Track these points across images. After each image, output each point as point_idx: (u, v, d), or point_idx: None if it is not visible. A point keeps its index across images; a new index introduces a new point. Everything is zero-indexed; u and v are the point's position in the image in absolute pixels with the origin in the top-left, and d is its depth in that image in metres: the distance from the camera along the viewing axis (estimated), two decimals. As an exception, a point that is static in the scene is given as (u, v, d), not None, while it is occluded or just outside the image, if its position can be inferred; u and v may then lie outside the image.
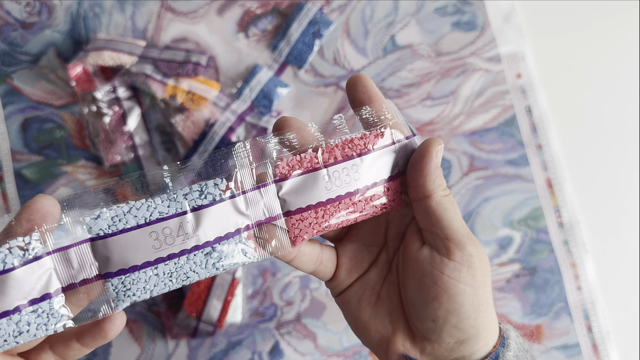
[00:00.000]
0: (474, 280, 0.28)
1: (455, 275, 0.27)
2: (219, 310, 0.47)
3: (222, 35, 0.52)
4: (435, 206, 0.28)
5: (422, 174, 0.28)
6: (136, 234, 0.24)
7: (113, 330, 0.26)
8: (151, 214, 0.25)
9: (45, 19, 0.51)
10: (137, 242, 0.24)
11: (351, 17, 0.52)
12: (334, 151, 0.27)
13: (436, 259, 0.28)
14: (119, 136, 0.49)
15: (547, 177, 0.51)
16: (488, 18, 0.53)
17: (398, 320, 0.30)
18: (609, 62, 0.53)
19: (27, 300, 0.23)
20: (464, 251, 0.27)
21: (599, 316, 0.50)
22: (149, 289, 0.25)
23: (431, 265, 0.28)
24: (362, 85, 0.29)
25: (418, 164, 0.28)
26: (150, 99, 0.50)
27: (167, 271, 0.25)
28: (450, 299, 0.27)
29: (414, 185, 0.28)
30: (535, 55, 0.53)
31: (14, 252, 0.23)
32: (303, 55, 0.51)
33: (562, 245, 0.51)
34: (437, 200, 0.28)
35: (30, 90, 0.50)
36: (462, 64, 0.52)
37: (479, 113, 0.52)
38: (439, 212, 0.28)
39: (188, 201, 0.25)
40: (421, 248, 0.29)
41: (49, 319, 0.24)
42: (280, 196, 0.27)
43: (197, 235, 0.25)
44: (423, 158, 0.27)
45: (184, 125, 0.49)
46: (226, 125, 0.49)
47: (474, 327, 0.28)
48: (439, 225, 0.28)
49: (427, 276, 0.28)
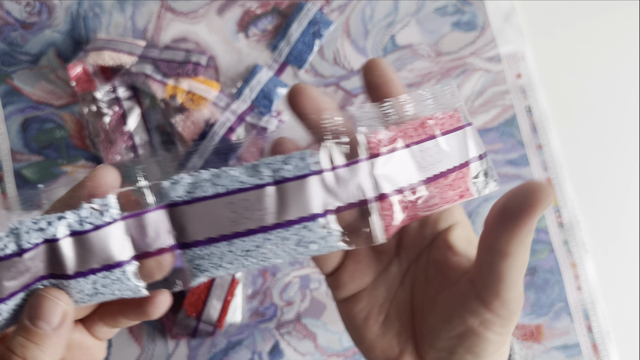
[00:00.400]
0: (506, 330, 0.25)
1: (489, 325, 0.25)
2: (219, 311, 0.47)
3: (222, 35, 0.52)
4: (506, 269, 0.23)
5: (512, 230, 0.22)
6: (214, 204, 0.22)
7: (157, 311, 0.25)
8: (232, 184, 0.22)
9: (45, 19, 0.51)
10: (215, 213, 0.22)
11: (351, 17, 0.52)
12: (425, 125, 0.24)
13: (474, 303, 0.25)
14: (119, 136, 0.49)
15: (547, 177, 0.51)
16: (488, 18, 0.53)
17: (406, 342, 0.28)
18: (610, 61, 0.53)
19: (100, 265, 0.22)
20: (507, 308, 0.24)
21: (599, 316, 0.50)
22: (224, 266, 0.23)
23: (465, 305, 0.25)
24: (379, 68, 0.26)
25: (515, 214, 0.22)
26: (150, 99, 0.50)
27: (244, 248, 0.23)
28: (474, 342, 0.25)
29: (495, 235, 0.23)
30: (535, 55, 0.53)
31: (92, 213, 0.22)
32: (303, 55, 0.51)
33: (562, 245, 0.51)
34: (512, 263, 0.23)
35: (30, 90, 0.50)
36: (462, 64, 0.52)
37: (479, 113, 0.52)
38: (505, 274, 0.23)
39: (272, 174, 0.22)
40: (460, 281, 0.26)
41: (121, 284, 0.23)
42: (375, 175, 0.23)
43: (279, 212, 0.22)
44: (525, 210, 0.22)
45: (184, 125, 0.49)
46: (226, 125, 0.49)
47: None
48: (498, 284, 0.24)
49: (458, 314, 0.25)
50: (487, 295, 0.24)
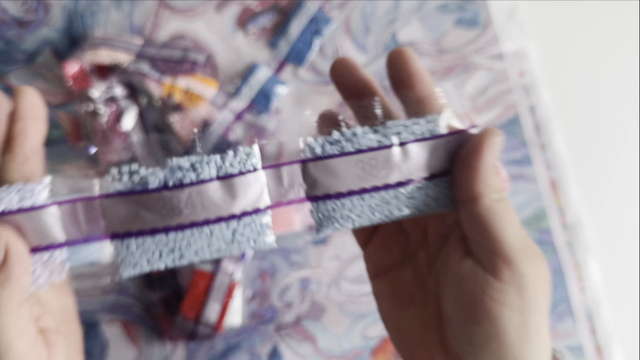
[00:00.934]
0: (524, 304, 0.23)
1: (500, 298, 0.23)
2: (218, 313, 0.47)
3: (221, 32, 0.51)
4: (483, 212, 0.23)
5: (470, 172, 0.23)
6: (345, 161, 0.24)
7: None
8: (360, 143, 0.24)
9: (41, 17, 0.51)
10: (345, 169, 0.24)
11: (352, 14, 0.52)
12: None
13: (479, 275, 0.24)
14: (116, 135, 0.49)
15: (550, 176, 0.51)
16: (490, 15, 0.52)
17: (431, 331, 0.26)
18: (614, 60, 0.53)
19: (240, 211, 0.24)
20: (514, 270, 0.23)
21: (602, 318, 0.50)
22: (352, 219, 0.25)
23: (473, 282, 0.24)
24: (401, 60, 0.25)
25: (467, 160, 0.24)
26: (147, 97, 0.50)
27: (371, 204, 0.25)
28: (491, 324, 0.23)
29: (460, 185, 0.24)
30: (538, 53, 0.53)
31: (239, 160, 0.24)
32: (303, 54, 0.51)
33: (565, 246, 0.51)
34: (486, 205, 0.23)
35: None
36: (465, 62, 0.52)
37: (481, 111, 0.51)
38: (487, 220, 0.23)
39: (397, 135, 0.24)
40: (464, 259, 0.25)
41: (257, 233, 0.24)
42: None
43: (403, 171, 0.24)
44: (473, 152, 0.23)
45: (181, 124, 0.49)
46: (224, 124, 0.49)
47: (517, 357, 0.24)
48: (487, 235, 0.23)
49: (467, 294, 0.24)
50: (485, 259, 0.24)
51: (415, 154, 0.24)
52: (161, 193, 0.23)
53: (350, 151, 0.24)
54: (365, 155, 0.24)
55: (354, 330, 0.49)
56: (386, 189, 0.24)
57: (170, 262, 0.24)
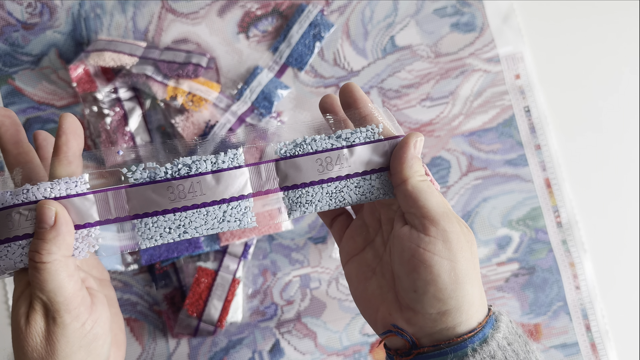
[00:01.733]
0: (450, 253, 0.30)
1: (431, 248, 0.30)
2: (220, 310, 0.47)
3: (223, 36, 0.52)
4: (411, 189, 0.31)
5: (399, 162, 0.32)
6: (307, 159, 0.32)
7: None
8: (319, 146, 0.32)
9: (46, 19, 0.51)
10: (307, 165, 0.32)
11: (351, 18, 0.52)
12: None
13: (414, 234, 0.31)
14: (120, 137, 0.49)
15: (545, 177, 0.52)
16: (487, 19, 0.53)
17: (388, 292, 0.33)
18: (608, 62, 0.54)
19: (229, 196, 0.31)
20: (438, 227, 0.30)
21: (597, 315, 0.50)
22: (314, 204, 0.33)
23: (409, 240, 0.31)
24: (349, 91, 0.34)
25: (397, 154, 0.32)
26: (151, 99, 0.50)
27: (328, 191, 0.33)
28: (427, 270, 0.30)
29: (394, 173, 0.32)
30: (534, 56, 0.53)
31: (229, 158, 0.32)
32: (303, 58, 0.51)
33: (560, 244, 0.51)
34: (413, 184, 0.31)
35: (31, 90, 0.51)
36: (461, 64, 0.52)
37: (478, 113, 0.52)
38: (415, 194, 0.31)
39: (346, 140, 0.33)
40: (403, 227, 0.32)
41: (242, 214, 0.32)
42: None
43: (350, 166, 0.32)
44: (402, 148, 0.32)
45: (184, 125, 0.49)
46: (226, 126, 0.49)
47: (452, 298, 0.30)
48: (416, 205, 0.31)
49: (406, 250, 0.31)
50: (417, 223, 0.31)
51: (359, 153, 0.33)
52: (170, 182, 0.31)
53: (310, 152, 0.32)
54: (322, 155, 0.32)
55: (354, 327, 0.50)
56: (339, 180, 0.33)
57: (176, 236, 0.31)
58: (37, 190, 0.30)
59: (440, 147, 0.52)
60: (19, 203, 0.30)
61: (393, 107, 0.52)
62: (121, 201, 0.31)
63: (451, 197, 0.51)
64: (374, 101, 0.52)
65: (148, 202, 0.31)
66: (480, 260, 0.51)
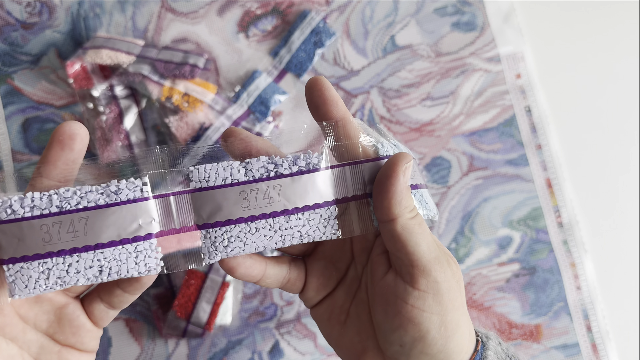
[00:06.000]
0: (441, 307, 0.26)
1: (420, 305, 0.26)
2: (208, 313, 0.47)
3: (223, 35, 0.52)
4: (400, 230, 0.26)
5: (387, 196, 0.26)
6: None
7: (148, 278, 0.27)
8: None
9: (45, 19, 0.51)
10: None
11: (351, 17, 0.52)
12: None
13: (400, 287, 0.27)
14: (115, 134, 0.49)
15: (546, 177, 0.52)
16: (488, 18, 0.53)
17: (367, 339, 0.29)
18: (609, 62, 0.54)
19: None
20: (429, 278, 0.26)
21: (598, 316, 0.50)
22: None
23: (395, 294, 0.27)
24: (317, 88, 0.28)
25: (383, 185, 0.26)
26: (147, 98, 0.50)
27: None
28: (416, 328, 0.26)
29: (379, 207, 0.26)
30: (534, 56, 0.53)
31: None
32: (303, 64, 0.51)
33: (561, 245, 0.51)
34: (402, 224, 0.26)
35: (30, 90, 0.51)
36: (462, 64, 0.52)
37: (478, 113, 0.52)
38: (404, 237, 0.26)
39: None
40: (386, 274, 0.28)
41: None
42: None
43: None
44: (389, 178, 0.26)
45: (177, 125, 0.49)
46: (220, 130, 0.49)
47: (442, 351, 0.27)
48: (404, 250, 0.26)
49: (391, 305, 0.27)
50: (404, 271, 0.26)
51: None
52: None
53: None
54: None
55: (354, 328, 0.50)
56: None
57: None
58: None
59: (440, 147, 0.51)
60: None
61: (393, 107, 0.52)
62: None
63: (452, 197, 0.51)
64: (373, 101, 0.52)
65: None
66: (481, 260, 0.50)
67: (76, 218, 0.25)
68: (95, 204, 0.25)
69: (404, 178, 0.26)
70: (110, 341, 0.48)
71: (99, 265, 0.25)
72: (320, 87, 0.28)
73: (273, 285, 0.30)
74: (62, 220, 0.25)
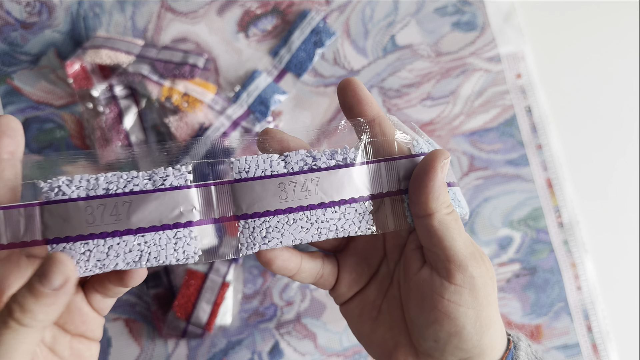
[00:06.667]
0: (476, 302, 0.27)
1: (456, 299, 0.26)
2: (208, 314, 0.47)
3: (222, 35, 0.52)
4: (437, 226, 0.26)
5: (424, 191, 0.26)
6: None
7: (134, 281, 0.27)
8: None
9: (45, 19, 0.51)
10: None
11: (351, 17, 0.52)
12: None
13: (436, 282, 0.27)
14: (115, 134, 0.49)
15: (547, 177, 0.51)
16: (488, 18, 0.53)
17: (400, 335, 0.30)
18: (609, 61, 0.53)
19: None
20: (466, 273, 0.26)
21: (598, 316, 0.50)
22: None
23: (431, 288, 0.27)
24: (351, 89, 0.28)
25: (421, 180, 0.26)
26: (147, 98, 0.50)
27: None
28: (452, 322, 0.27)
29: (416, 202, 0.27)
30: (535, 56, 0.53)
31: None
32: (303, 64, 0.51)
33: (562, 245, 0.51)
34: (439, 219, 0.26)
35: (30, 90, 0.50)
36: (462, 64, 0.52)
37: (478, 113, 0.52)
38: (440, 232, 0.26)
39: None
40: (421, 269, 0.28)
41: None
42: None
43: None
44: (427, 173, 0.26)
45: (177, 125, 0.49)
46: (220, 130, 0.49)
47: (477, 347, 0.27)
48: (440, 245, 0.27)
49: (427, 299, 0.27)
50: (441, 266, 0.27)
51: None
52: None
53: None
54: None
55: (354, 328, 0.50)
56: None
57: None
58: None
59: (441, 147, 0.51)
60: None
61: (394, 107, 0.52)
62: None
63: (452, 197, 0.51)
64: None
65: None
66: (481, 260, 0.50)
67: (120, 202, 0.25)
68: (141, 188, 0.26)
69: (442, 174, 0.26)
70: (110, 341, 0.48)
71: (139, 250, 0.26)
72: (354, 88, 0.28)
73: (307, 280, 0.30)
74: (106, 203, 0.25)
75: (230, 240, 0.27)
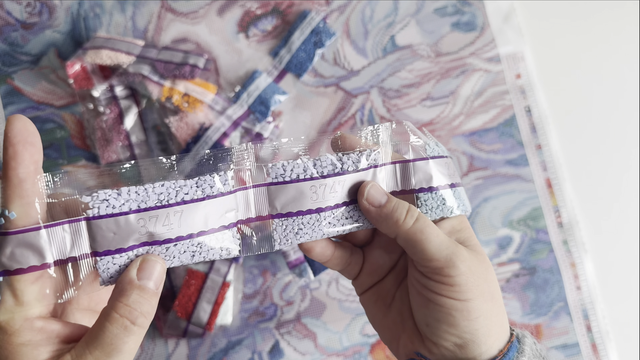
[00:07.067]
0: (461, 294, 0.29)
1: (439, 291, 0.29)
2: (209, 313, 0.47)
3: (223, 35, 0.52)
4: (404, 243, 0.30)
5: (376, 223, 0.30)
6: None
7: None
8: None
9: (45, 19, 0.51)
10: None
11: (351, 17, 0.52)
12: None
13: (423, 281, 0.30)
14: (116, 135, 0.49)
15: (546, 177, 0.52)
16: (487, 18, 0.53)
17: (407, 320, 0.32)
18: (609, 62, 0.53)
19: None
20: (442, 273, 0.29)
21: (598, 316, 0.50)
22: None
23: (418, 281, 0.30)
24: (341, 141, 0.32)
25: (367, 216, 0.31)
26: (147, 98, 0.50)
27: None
28: (437, 309, 0.29)
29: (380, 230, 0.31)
30: (534, 56, 0.53)
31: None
32: (303, 65, 0.51)
33: (561, 245, 0.51)
34: (403, 236, 0.30)
35: (30, 90, 0.51)
36: (462, 64, 0.52)
37: (478, 113, 0.52)
38: (410, 245, 0.30)
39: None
40: (414, 270, 0.31)
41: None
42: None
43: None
44: (367, 212, 0.30)
45: (177, 125, 0.49)
46: (220, 130, 0.49)
47: (467, 332, 0.29)
48: (416, 255, 0.30)
49: (417, 286, 0.31)
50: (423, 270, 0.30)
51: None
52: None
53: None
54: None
55: (354, 328, 0.50)
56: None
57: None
58: None
59: (440, 147, 0.51)
60: None
61: (393, 107, 0.52)
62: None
63: (452, 197, 0.51)
64: (373, 101, 0.52)
65: None
66: (481, 260, 0.50)
67: (172, 212, 0.27)
68: (192, 197, 0.27)
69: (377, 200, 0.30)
70: (111, 341, 0.48)
71: (192, 252, 0.28)
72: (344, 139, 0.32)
73: (338, 267, 0.34)
74: (158, 215, 0.26)
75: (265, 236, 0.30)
